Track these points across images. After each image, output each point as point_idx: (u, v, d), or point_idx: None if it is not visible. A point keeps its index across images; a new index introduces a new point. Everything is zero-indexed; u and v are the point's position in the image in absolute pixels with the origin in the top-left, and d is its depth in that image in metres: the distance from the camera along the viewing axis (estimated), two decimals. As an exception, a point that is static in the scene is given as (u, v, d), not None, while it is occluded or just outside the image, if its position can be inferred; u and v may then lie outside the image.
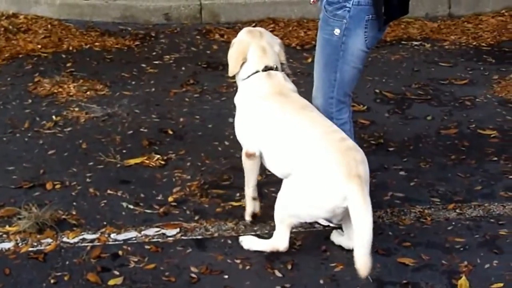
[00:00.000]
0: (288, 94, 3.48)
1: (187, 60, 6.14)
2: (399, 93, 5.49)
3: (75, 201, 3.89)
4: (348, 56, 3.49)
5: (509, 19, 7.44)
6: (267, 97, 3.45)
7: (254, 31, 3.67)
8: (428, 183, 4.14)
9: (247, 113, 3.51)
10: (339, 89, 3.56)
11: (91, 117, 4.94)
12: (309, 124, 3.33)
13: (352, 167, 3.12)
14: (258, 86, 3.50)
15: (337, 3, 3.42)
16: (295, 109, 3.39)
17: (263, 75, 3.51)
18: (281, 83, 3.51)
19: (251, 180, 3.61)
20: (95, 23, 6.99)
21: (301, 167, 3.24)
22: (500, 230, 3.68)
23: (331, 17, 3.46)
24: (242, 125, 3.56)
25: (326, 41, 3.50)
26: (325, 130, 3.30)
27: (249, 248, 3.44)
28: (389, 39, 6.74)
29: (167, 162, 4.33)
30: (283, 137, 3.35)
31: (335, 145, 3.21)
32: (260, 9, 7.26)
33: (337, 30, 3.44)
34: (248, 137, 3.51)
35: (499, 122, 5.00)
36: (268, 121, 3.40)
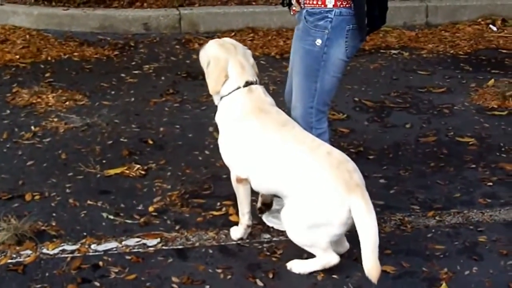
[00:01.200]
0: (268, 111, 3.45)
1: (166, 69, 6.14)
2: (378, 102, 5.53)
3: (55, 212, 3.86)
4: (329, 66, 3.50)
5: (485, 28, 7.54)
6: (250, 116, 3.41)
7: (226, 44, 3.57)
8: (407, 191, 4.17)
9: (233, 135, 3.46)
10: (319, 99, 3.57)
11: (71, 127, 4.92)
12: (294, 142, 3.33)
13: (348, 179, 3.17)
14: (240, 104, 3.46)
15: (319, 14, 3.43)
16: (277, 127, 3.38)
17: (244, 91, 3.46)
18: (262, 98, 3.48)
19: (245, 206, 3.56)
20: (73, 33, 6.97)
21: (298, 190, 3.26)
22: (479, 237, 3.71)
23: (312, 27, 3.46)
24: (228, 148, 3.51)
25: (306, 51, 3.51)
26: (310, 146, 3.31)
27: (303, 272, 3.35)
28: (367, 48, 6.78)
29: (147, 172, 4.32)
30: (270, 159, 3.35)
31: (326, 161, 3.23)
32: (239, 19, 7.28)
33: (318, 40, 3.45)
34: (237, 162, 3.47)
35: (477, 130, 5.05)
36: (253, 144, 3.38)
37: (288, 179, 3.29)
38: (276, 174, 3.34)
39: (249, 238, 3.65)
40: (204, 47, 3.65)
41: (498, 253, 3.56)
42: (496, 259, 3.51)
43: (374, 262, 3.09)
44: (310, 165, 3.24)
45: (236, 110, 3.46)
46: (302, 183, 3.25)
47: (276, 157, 3.33)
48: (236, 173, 3.48)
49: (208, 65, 3.55)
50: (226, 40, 3.66)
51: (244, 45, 6.05)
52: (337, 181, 3.17)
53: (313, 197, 3.21)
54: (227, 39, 3.70)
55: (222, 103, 3.54)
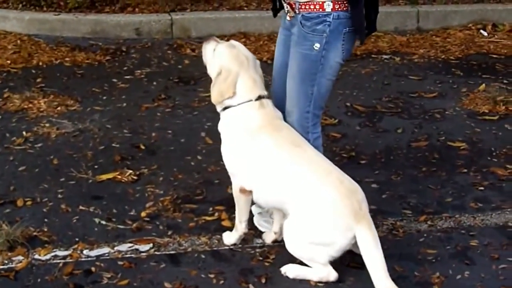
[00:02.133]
0: (280, 128, 3.45)
1: (158, 75, 6.14)
2: (370, 106, 5.54)
3: (47, 218, 3.85)
4: (326, 69, 3.50)
5: (475, 33, 7.56)
6: (263, 133, 3.39)
7: (240, 56, 3.48)
8: (399, 196, 4.18)
9: (242, 149, 3.43)
10: (315, 103, 3.56)
11: (62, 132, 4.91)
12: (308, 166, 3.35)
13: (357, 209, 3.24)
14: (252, 118, 3.43)
15: (317, 18, 3.42)
16: (290, 147, 3.39)
17: (256, 105, 3.43)
18: (273, 114, 3.47)
19: (244, 215, 3.56)
20: (65, 38, 6.96)
21: (307, 209, 3.28)
22: (471, 241, 3.72)
23: (310, 32, 3.44)
24: (235, 160, 3.48)
25: (304, 56, 3.49)
26: (324, 172, 3.34)
27: (296, 277, 3.36)
28: (359, 53, 6.80)
29: (139, 177, 4.32)
30: (281, 178, 3.35)
31: (338, 190, 3.27)
32: (231, 24, 7.29)
33: (317, 44, 3.44)
34: (243, 174, 3.45)
35: (468, 134, 5.07)
36: (265, 161, 3.38)
37: (297, 199, 3.31)
38: (284, 193, 3.35)
39: (241, 243, 3.65)
40: (216, 48, 3.54)
41: (490, 257, 3.57)
42: (488, 263, 3.52)
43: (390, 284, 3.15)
44: (323, 192, 3.27)
45: (248, 124, 3.43)
46: (312, 205, 3.27)
47: (287, 177, 3.34)
48: (241, 183, 3.47)
49: (218, 74, 3.47)
50: (238, 47, 3.56)
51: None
52: (347, 210, 3.23)
53: (322, 219, 3.25)
54: (239, 45, 3.59)
55: (228, 113, 3.50)
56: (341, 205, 3.23)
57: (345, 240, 3.24)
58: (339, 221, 3.23)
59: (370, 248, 3.19)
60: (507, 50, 7.07)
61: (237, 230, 3.61)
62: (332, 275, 3.32)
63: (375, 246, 3.20)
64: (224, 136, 3.54)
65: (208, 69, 3.60)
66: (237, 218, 3.59)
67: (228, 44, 3.56)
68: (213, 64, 3.53)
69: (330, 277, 3.32)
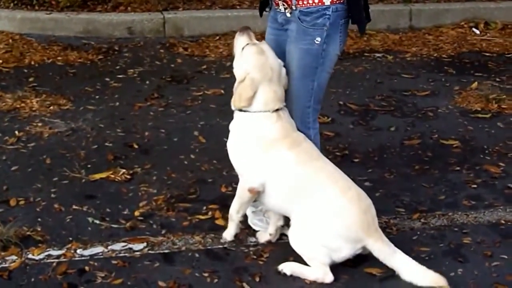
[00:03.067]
0: (299, 141, 3.45)
1: (151, 73, 6.13)
2: (362, 105, 5.55)
3: (40, 217, 3.84)
4: (327, 63, 3.53)
5: (468, 31, 7.59)
6: (282, 145, 3.40)
7: (265, 67, 3.43)
8: (393, 194, 4.19)
9: (255, 156, 3.42)
10: (315, 97, 3.58)
11: (55, 132, 4.90)
12: (328, 180, 3.39)
13: (371, 224, 3.35)
14: (269, 129, 3.42)
15: (316, 12, 3.43)
16: (310, 161, 3.42)
17: (274, 117, 3.42)
18: (288, 126, 3.46)
19: (244, 209, 3.60)
20: (57, 38, 6.94)
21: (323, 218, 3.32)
22: (464, 239, 3.73)
23: (310, 27, 3.44)
24: (245, 164, 3.47)
25: (305, 51, 3.48)
26: (342, 188, 3.38)
27: (293, 274, 3.38)
28: (352, 51, 6.82)
29: (132, 177, 4.31)
30: (298, 187, 3.38)
31: (357, 205, 3.34)
32: (224, 23, 7.28)
33: (318, 38, 3.45)
34: (255, 175, 3.44)
35: (461, 132, 5.08)
36: (282, 170, 3.39)
37: (311, 207, 3.34)
38: (301, 202, 3.37)
39: (235, 242, 3.65)
40: (246, 48, 3.48)
41: (483, 255, 3.58)
42: (481, 260, 3.54)
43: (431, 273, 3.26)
44: (343, 205, 3.33)
45: (263, 134, 3.41)
46: (331, 215, 3.32)
47: (306, 190, 3.36)
48: (251, 184, 3.45)
49: (241, 81, 3.45)
50: (267, 53, 3.47)
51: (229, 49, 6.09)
52: (363, 225, 3.32)
53: (338, 229, 3.31)
54: (268, 51, 3.48)
55: (244, 117, 3.48)
56: (359, 220, 3.32)
57: (351, 251, 3.34)
58: (353, 234, 3.32)
59: (390, 255, 3.32)
60: (499, 48, 7.09)
61: (232, 220, 3.61)
62: (328, 277, 3.33)
63: (393, 252, 3.33)
64: (235, 138, 3.54)
65: (234, 63, 3.58)
66: (235, 209, 3.58)
67: (258, 49, 3.47)
68: (239, 65, 3.51)
69: (326, 278, 3.33)
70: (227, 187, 4.21)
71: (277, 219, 3.61)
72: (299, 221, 3.37)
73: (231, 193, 4.11)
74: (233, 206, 3.60)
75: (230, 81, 5.88)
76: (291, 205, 3.41)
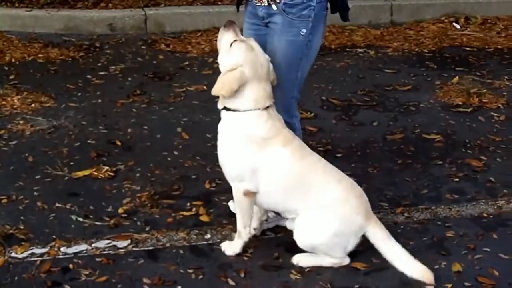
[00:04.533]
0: (290, 138, 3.43)
1: (133, 70, 6.11)
2: (345, 100, 5.57)
3: (23, 215, 3.82)
4: (311, 53, 3.58)
5: (448, 26, 7.64)
6: (275, 142, 3.37)
7: (256, 64, 3.35)
8: (376, 188, 4.21)
9: (249, 156, 3.36)
10: (298, 88, 3.61)
11: (37, 129, 4.87)
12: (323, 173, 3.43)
13: (368, 209, 3.43)
14: (258, 126, 3.36)
15: (301, 4, 3.45)
16: (305, 156, 3.43)
17: (264, 115, 3.36)
18: (278, 124, 3.42)
19: (248, 219, 3.49)
20: (38, 35, 6.90)
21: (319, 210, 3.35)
22: (447, 232, 3.75)
23: (295, 18, 3.46)
24: (239, 166, 3.40)
25: (290, 42, 3.49)
26: (336, 178, 3.43)
27: (309, 265, 3.41)
28: (333, 46, 6.84)
29: (116, 174, 4.30)
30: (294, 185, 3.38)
31: (352, 192, 3.42)
32: (205, 18, 7.28)
33: (303, 30, 3.47)
34: (249, 177, 3.38)
35: (443, 127, 5.11)
36: (280, 167, 3.37)
37: (309, 203, 3.36)
38: (299, 198, 3.38)
39: (219, 238, 3.65)
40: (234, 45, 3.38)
41: (466, 248, 3.60)
42: (464, 253, 3.56)
43: (420, 266, 3.29)
44: (339, 193, 3.38)
45: (255, 133, 3.36)
46: (326, 206, 3.35)
47: (304, 185, 3.37)
48: (246, 187, 3.40)
49: (231, 70, 3.35)
50: (256, 50, 3.38)
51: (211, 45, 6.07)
52: (361, 208, 3.39)
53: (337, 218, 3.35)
54: (256, 47, 3.39)
55: (233, 117, 3.40)
56: (356, 204, 3.38)
57: (356, 240, 3.40)
58: (356, 221, 3.37)
59: (385, 241, 3.37)
60: (479, 43, 7.14)
61: (240, 236, 3.51)
62: (346, 260, 3.43)
63: (389, 238, 3.38)
64: (225, 140, 3.45)
65: (220, 59, 3.48)
66: (241, 223, 3.49)
67: (247, 45, 3.37)
68: (227, 61, 3.40)
69: (344, 261, 3.43)
70: (211, 183, 4.20)
71: (262, 214, 3.62)
72: (302, 219, 3.38)
73: (214, 189, 4.13)
74: (238, 220, 3.50)
75: (212, 77, 5.87)
76: (288, 201, 3.41)
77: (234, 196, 3.48)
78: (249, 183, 3.40)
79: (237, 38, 3.42)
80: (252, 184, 3.40)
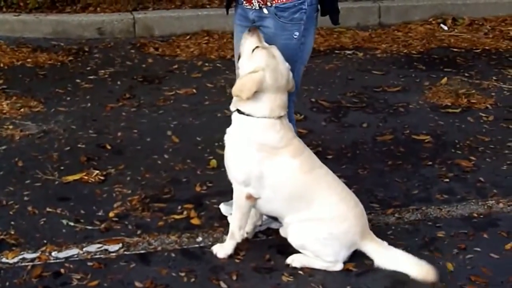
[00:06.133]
0: (301, 149, 3.44)
1: (122, 74, 6.10)
2: (334, 102, 5.58)
3: (13, 220, 3.80)
4: (304, 56, 3.59)
5: (436, 27, 7.67)
6: (284, 153, 3.36)
7: (277, 72, 3.32)
8: (367, 189, 4.22)
9: (259, 162, 3.35)
10: (295, 90, 3.58)
11: (26, 134, 4.85)
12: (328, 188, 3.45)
13: (365, 228, 3.47)
14: (271, 135, 3.34)
15: (293, 7, 3.46)
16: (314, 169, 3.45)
17: (277, 123, 3.34)
18: (290, 133, 3.42)
19: (244, 222, 3.50)
20: (26, 39, 6.88)
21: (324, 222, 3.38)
22: (438, 232, 3.77)
23: (288, 22, 3.47)
24: (248, 170, 3.37)
25: (283, 46, 3.47)
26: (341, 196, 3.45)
27: (302, 266, 3.44)
28: (322, 48, 6.85)
29: (106, 178, 4.29)
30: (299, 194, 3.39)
31: (353, 211, 3.44)
32: (194, 22, 7.28)
33: (296, 33, 3.49)
34: (254, 183, 3.38)
35: (432, 127, 5.13)
36: (287, 177, 3.38)
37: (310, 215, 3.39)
38: (300, 207, 3.39)
39: (211, 241, 3.65)
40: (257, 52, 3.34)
41: (457, 248, 3.62)
42: (455, 253, 3.58)
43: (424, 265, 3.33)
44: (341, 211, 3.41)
45: (268, 141, 3.34)
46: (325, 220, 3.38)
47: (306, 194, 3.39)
48: (250, 191, 3.40)
49: (252, 72, 3.31)
50: (278, 59, 3.36)
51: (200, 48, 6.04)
52: (358, 229, 3.42)
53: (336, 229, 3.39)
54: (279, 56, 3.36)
55: (247, 122, 3.37)
56: (355, 223, 3.41)
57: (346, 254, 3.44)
58: (350, 238, 3.41)
59: (383, 252, 3.41)
60: (467, 44, 7.17)
61: (234, 237, 3.51)
62: (338, 265, 3.43)
63: (387, 248, 3.43)
64: (236, 145, 3.42)
65: (241, 63, 3.43)
66: (236, 225, 3.49)
67: (269, 53, 3.35)
68: (248, 65, 3.36)
69: (336, 266, 3.43)
70: (202, 186, 4.20)
71: (258, 218, 3.62)
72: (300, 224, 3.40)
73: (205, 192, 4.13)
74: (233, 222, 3.50)
75: (201, 80, 5.95)
76: (289, 210, 3.41)
77: (235, 198, 3.47)
78: (254, 188, 3.39)
79: (260, 45, 3.38)
80: (257, 190, 3.39)
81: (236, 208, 3.48)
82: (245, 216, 3.48)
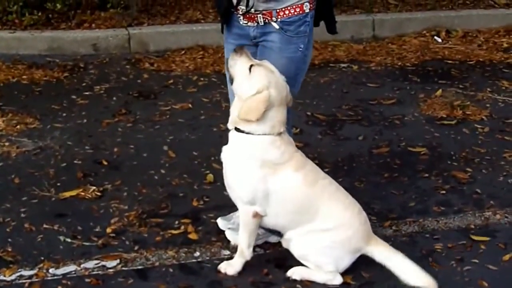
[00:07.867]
0: (303, 162, 3.45)
1: (118, 90, 6.11)
2: (330, 115, 5.59)
3: (10, 237, 3.79)
4: (305, 67, 3.64)
5: (430, 39, 7.70)
6: (287, 168, 3.36)
7: (280, 86, 3.32)
8: (363, 202, 4.16)
9: (263, 180, 3.34)
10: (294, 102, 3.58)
11: (23, 151, 4.85)
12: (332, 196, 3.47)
13: (370, 234, 3.50)
14: (272, 151, 3.33)
15: (298, 20, 3.49)
16: (317, 181, 3.45)
17: (277, 139, 3.33)
18: (291, 148, 3.42)
19: (253, 239, 3.49)
20: (21, 56, 6.89)
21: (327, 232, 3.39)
22: (435, 245, 3.77)
23: (294, 35, 3.50)
24: (253, 189, 3.35)
25: (290, 59, 3.51)
26: (345, 204, 3.47)
27: (302, 279, 3.43)
28: (317, 62, 6.86)
29: (103, 193, 4.29)
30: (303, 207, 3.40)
31: (358, 219, 3.46)
32: (189, 37, 7.30)
33: (301, 45, 3.53)
34: (260, 201, 3.37)
35: (428, 139, 5.15)
36: (291, 192, 3.38)
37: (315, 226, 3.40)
38: (303, 220, 3.40)
39: (209, 256, 3.65)
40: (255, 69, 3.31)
41: (455, 260, 3.63)
42: (453, 265, 3.58)
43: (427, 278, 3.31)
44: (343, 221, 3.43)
45: (270, 158, 3.33)
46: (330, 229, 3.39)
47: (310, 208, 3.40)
48: (256, 209, 3.39)
49: (257, 93, 3.26)
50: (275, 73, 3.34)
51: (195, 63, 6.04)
52: (363, 235, 3.45)
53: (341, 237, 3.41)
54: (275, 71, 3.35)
55: (244, 140, 3.35)
56: (359, 230, 3.44)
57: (351, 260, 3.45)
58: (354, 244, 3.43)
59: (390, 257, 3.40)
60: (461, 56, 7.21)
61: (243, 255, 3.49)
62: (337, 279, 3.43)
63: (394, 253, 3.41)
64: (238, 164, 3.40)
65: (237, 85, 3.38)
66: (245, 243, 3.47)
67: (267, 69, 3.33)
68: (249, 85, 3.29)
69: (335, 280, 3.43)
70: (199, 200, 4.20)
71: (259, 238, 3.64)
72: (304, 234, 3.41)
73: (203, 206, 4.13)
74: (242, 240, 3.48)
75: (197, 95, 5.96)
76: (294, 223, 3.42)
77: (242, 217, 3.45)
78: (260, 206, 3.39)
79: (253, 63, 3.35)
80: (263, 207, 3.39)
81: (243, 226, 3.45)
82: (253, 234, 3.47)
